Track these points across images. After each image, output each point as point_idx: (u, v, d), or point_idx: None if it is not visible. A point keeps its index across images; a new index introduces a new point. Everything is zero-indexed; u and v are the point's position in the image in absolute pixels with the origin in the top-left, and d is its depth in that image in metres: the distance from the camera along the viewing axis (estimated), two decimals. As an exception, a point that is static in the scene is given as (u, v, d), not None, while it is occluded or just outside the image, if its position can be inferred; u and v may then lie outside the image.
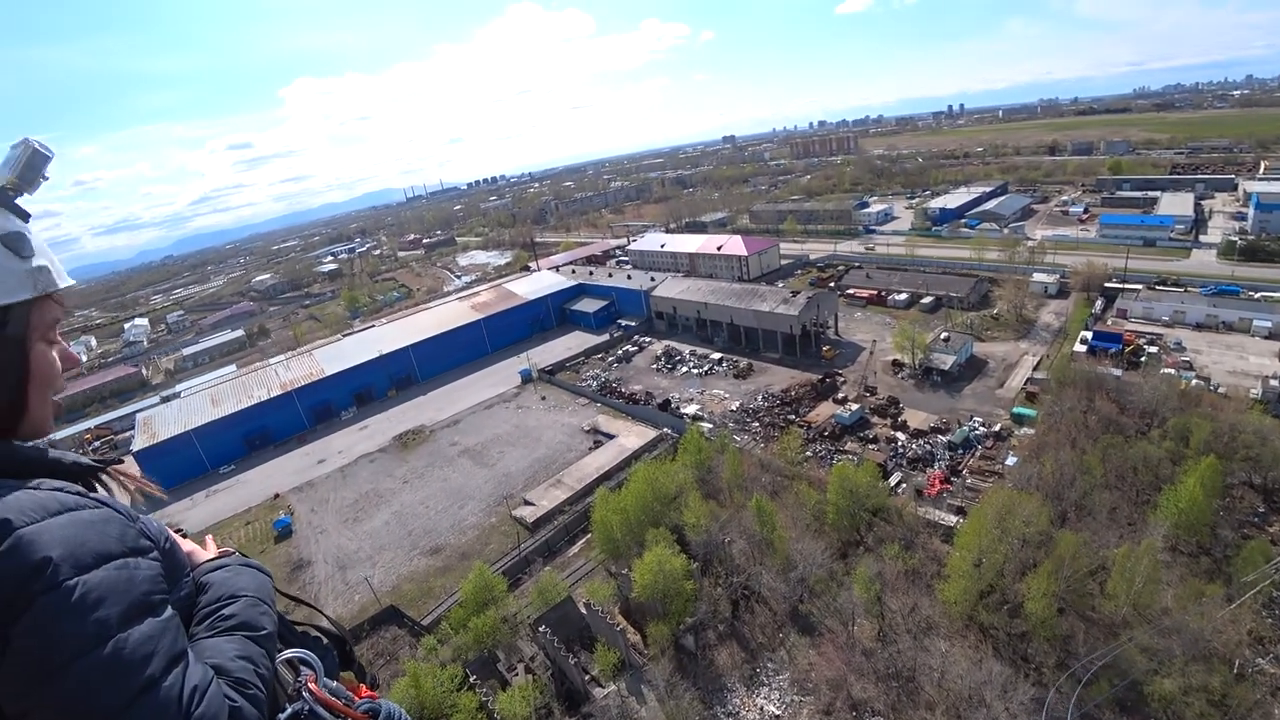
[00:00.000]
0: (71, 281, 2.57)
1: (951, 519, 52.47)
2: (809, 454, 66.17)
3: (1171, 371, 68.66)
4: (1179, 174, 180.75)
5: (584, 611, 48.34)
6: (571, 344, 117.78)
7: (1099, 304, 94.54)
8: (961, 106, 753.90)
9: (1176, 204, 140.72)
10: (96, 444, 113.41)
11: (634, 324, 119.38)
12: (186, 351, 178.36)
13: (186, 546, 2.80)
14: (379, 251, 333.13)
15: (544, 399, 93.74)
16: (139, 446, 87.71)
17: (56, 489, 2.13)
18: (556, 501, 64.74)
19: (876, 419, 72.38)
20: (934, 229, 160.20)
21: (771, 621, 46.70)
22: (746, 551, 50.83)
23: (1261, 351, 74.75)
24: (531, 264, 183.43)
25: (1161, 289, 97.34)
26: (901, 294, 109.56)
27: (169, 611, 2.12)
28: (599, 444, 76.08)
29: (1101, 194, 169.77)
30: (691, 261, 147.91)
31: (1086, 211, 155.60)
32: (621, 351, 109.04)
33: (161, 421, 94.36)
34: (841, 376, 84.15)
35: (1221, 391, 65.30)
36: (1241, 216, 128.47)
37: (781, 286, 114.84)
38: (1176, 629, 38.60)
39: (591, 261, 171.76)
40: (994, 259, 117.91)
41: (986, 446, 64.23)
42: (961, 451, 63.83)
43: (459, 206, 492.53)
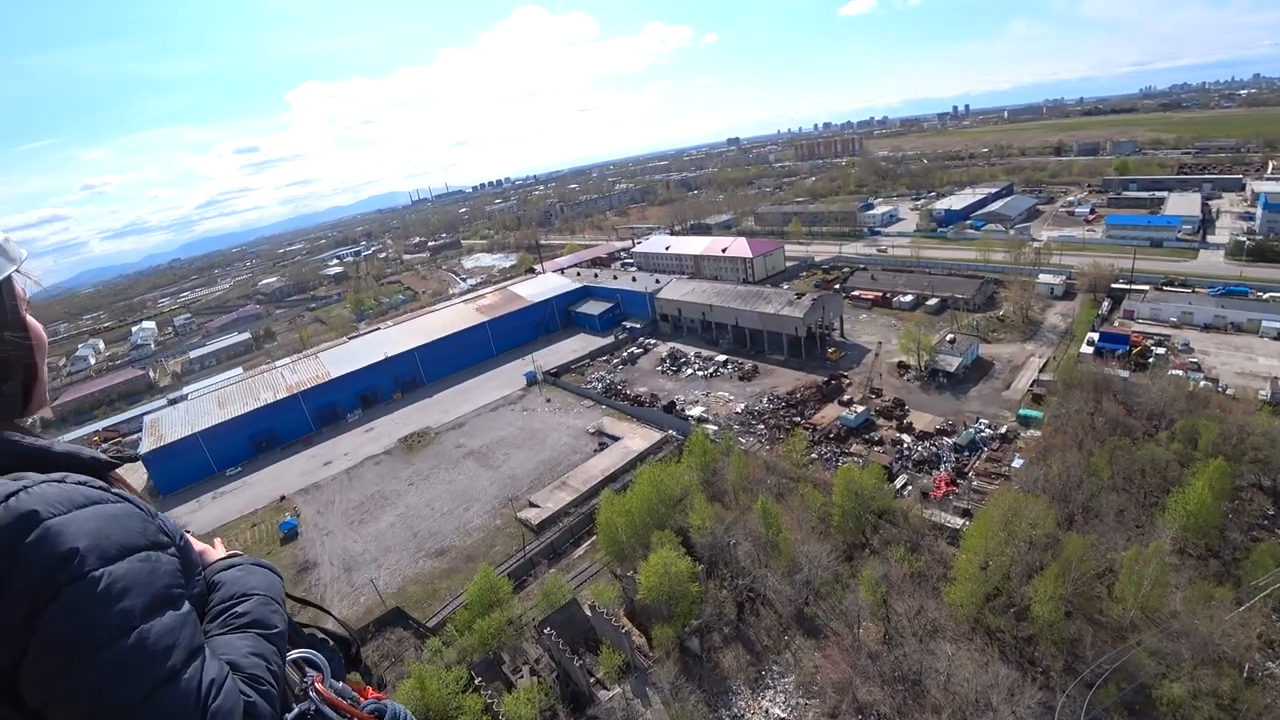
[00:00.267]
0: (25, 253, 2.54)
1: (957, 521, 52.29)
2: (814, 456, 66.11)
3: (1179, 373, 68.30)
4: (1186, 174, 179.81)
5: (589, 614, 48.35)
6: (577, 346, 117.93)
7: (1106, 305, 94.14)
8: (966, 107, 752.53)
9: (1183, 204, 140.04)
10: (105, 446, 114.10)
11: (639, 326, 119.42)
12: (193, 354, 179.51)
13: (198, 546, 2.85)
14: (384, 254, 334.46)
15: (549, 401, 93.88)
16: (146, 449, 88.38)
17: (80, 483, 2.18)
18: (562, 504, 64.78)
19: (882, 421, 72.18)
20: (939, 230, 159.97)
21: (777, 624, 46.59)
22: (752, 554, 50.75)
23: (1270, 352, 74.26)
24: (536, 266, 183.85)
25: (1169, 290, 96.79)
26: (907, 296, 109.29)
27: (187, 606, 2.16)
28: (604, 446, 76.13)
29: (1108, 194, 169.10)
30: (696, 263, 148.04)
31: (1093, 212, 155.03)
32: (626, 353, 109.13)
33: (168, 424, 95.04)
34: (847, 378, 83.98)
35: (1230, 393, 64.85)
36: (1249, 216, 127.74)
37: (786, 288, 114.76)
38: (1185, 632, 38.27)
39: (596, 264, 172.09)
40: (1000, 260, 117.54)
41: (993, 448, 64.00)
42: (967, 454, 63.62)
43: (464, 209, 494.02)
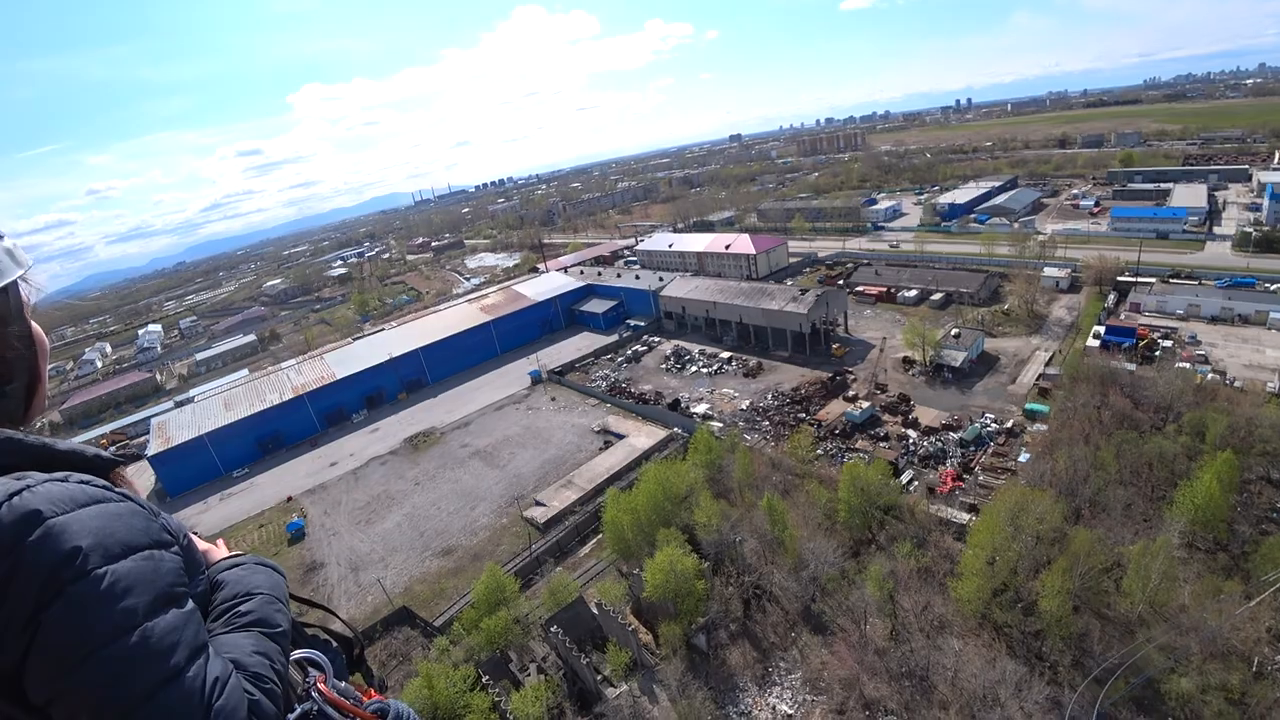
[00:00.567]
0: (32, 261, 2.57)
1: (964, 516, 52.21)
2: (820, 452, 66.04)
3: (1186, 365, 68.00)
4: (1192, 165, 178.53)
5: (595, 612, 48.43)
6: (581, 345, 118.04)
7: (1112, 298, 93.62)
8: (969, 101, 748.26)
9: (1189, 195, 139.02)
10: (112, 449, 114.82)
11: (643, 324, 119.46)
12: (199, 357, 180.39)
13: (201, 546, 2.85)
14: (388, 255, 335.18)
15: (554, 400, 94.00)
16: (153, 451, 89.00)
17: (84, 481, 2.18)
18: (567, 502, 64.92)
19: (887, 416, 72.05)
20: (943, 225, 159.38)
21: (783, 621, 46.60)
22: (758, 551, 50.78)
23: (1278, 344, 73.76)
24: (540, 265, 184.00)
25: (1175, 282, 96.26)
26: (911, 290, 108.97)
27: (190, 604, 2.16)
28: (609, 444, 76.21)
29: (1113, 187, 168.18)
30: (699, 261, 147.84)
31: (1098, 205, 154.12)
32: (630, 351, 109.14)
33: (175, 426, 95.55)
34: (852, 374, 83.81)
35: (1238, 385, 64.52)
36: (1256, 207, 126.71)
37: (790, 285, 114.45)
38: (1194, 627, 38.17)
39: (600, 262, 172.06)
40: (1004, 254, 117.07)
41: (999, 443, 63.84)
42: (973, 448, 63.46)
43: (467, 209, 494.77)
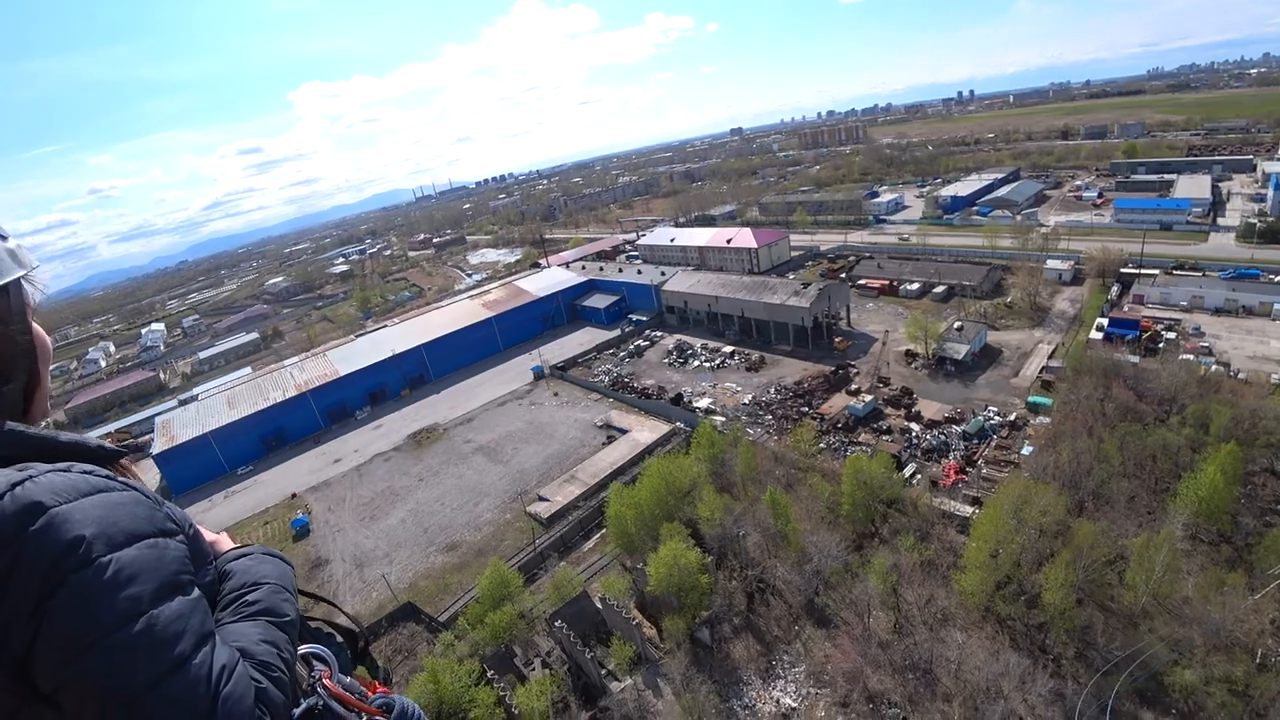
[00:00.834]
0: (37, 262, 2.56)
1: (967, 509, 52.22)
2: (822, 446, 66.02)
3: (1190, 357, 67.75)
4: (1195, 156, 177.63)
5: (599, 606, 48.61)
6: (583, 340, 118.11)
7: (1115, 290, 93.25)
8: (971, 93, 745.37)
9: (1193, 186, 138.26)
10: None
11: (645, 319, 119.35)
12: (203, 355, 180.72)
13: (209, 537, 2.86)
14: (390, 252, 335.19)
15: (556, 395, 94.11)
16: (158, 449, 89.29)
17: (86, 471, 2.18)
18: (571, 497, 65.07)
19: (890, 410, 72.00)
20: (945, 217, 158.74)
21: (787, 614, 46.72)
22: (761, 544, 50.91)
23: (1283, 335, 73.41)
24: (541, 261, 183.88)
25: (1179, 274, 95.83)
26: (913, 283, 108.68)
27: (196, 592, 2.17)
28: (612, 439, 76.33)
29: (1116, 178, 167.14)
30: (701, 255, 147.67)
31: (1101, 196, 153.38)
32: (633, 346, 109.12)
33: (180, 424, 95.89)
34: (854, 368, 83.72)
35: (1242, 377, 64.28)
36: (1260, 198, 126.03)
37: (792, 278, 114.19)
38: (1197, 619, 38.21)
39: (601, 257, 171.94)
40: (1007, 246, 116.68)
41: (1002, 436, 63.77)
42: (976, 441, 63.39)
43: (468, 205, 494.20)
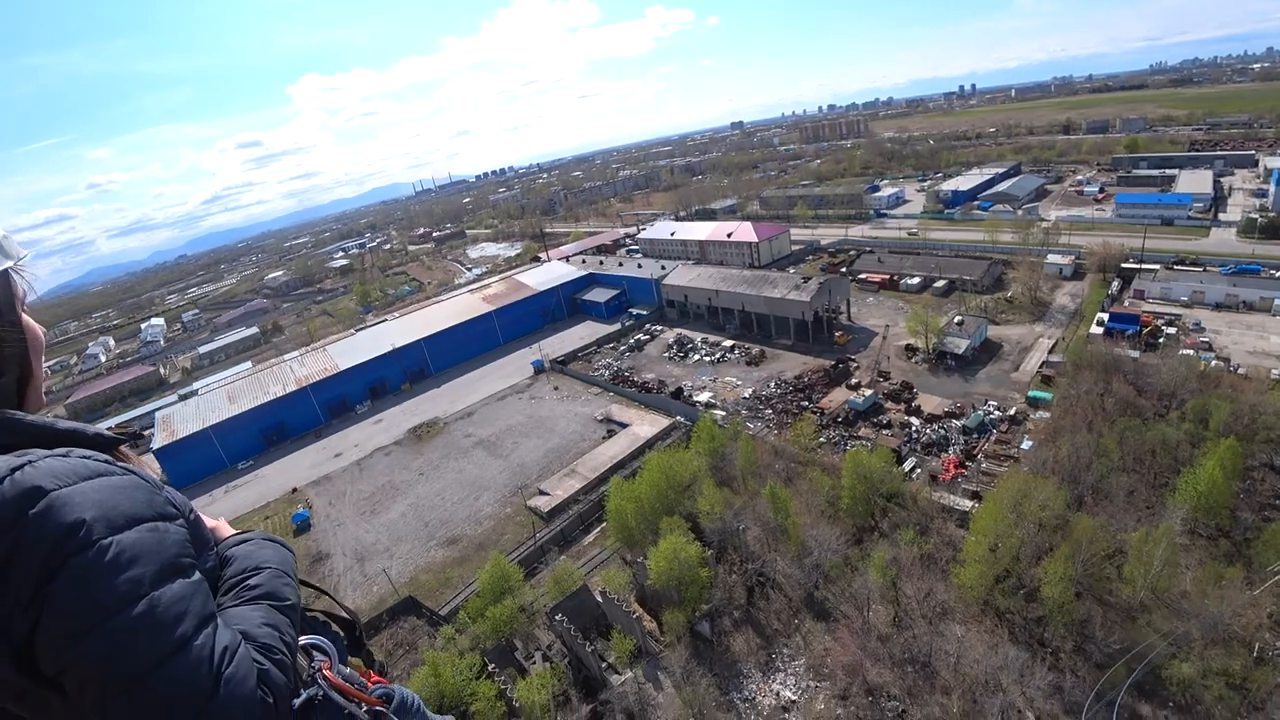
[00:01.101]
0: (26, 252, 2.55)
1: (967, 504, 52.31)
2: (823, 440, 66.10)
3: (1190, 352, 67.70)
4: (1197, 151, 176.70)
5: (600, 600, 48.76)
6: (583, 334, 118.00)
7: (1115, 285, 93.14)
8: (973, 87, 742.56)
9: (1195, 181, 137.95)
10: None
11: (645, 313, 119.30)
12: (202, 350, 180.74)
13: (210, 523, 2.87)
14: (389, 246, 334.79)
15: (557, 389, 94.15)
16: (159, 444, 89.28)
17: (85, 456, 2.20)
18: (571, 491, 65.18)
19: (890, 404, 72.06)
20: (946, 212, 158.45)
21: (787, 608, 46.88)
22: (761, 538, 51.02)
23: (1283, 330, 73.35)
24: (541, 255, 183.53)
25: (1180, 269, 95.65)
26: (914, 278, 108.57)
27: (198, 575, 2.18)
28: (612, 433, 76.41)
29: (1117, 173, 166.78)
30: (702, 249, 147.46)
31: (1102, 191, 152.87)
32: (633, 340, 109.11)
33: (180, 419, 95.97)
34: (854, 362, 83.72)
35: (1242, 372, 64.26)
36: (1262, 193, 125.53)
37: (793, 272, 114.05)
38: (1195, 613, 38.37)
39: (601, 251, 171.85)
40: (1008, 241, 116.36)
41: (1002, 430, 63.81)
42: (976, 436, 63.48)
43: (468, 199, 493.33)
